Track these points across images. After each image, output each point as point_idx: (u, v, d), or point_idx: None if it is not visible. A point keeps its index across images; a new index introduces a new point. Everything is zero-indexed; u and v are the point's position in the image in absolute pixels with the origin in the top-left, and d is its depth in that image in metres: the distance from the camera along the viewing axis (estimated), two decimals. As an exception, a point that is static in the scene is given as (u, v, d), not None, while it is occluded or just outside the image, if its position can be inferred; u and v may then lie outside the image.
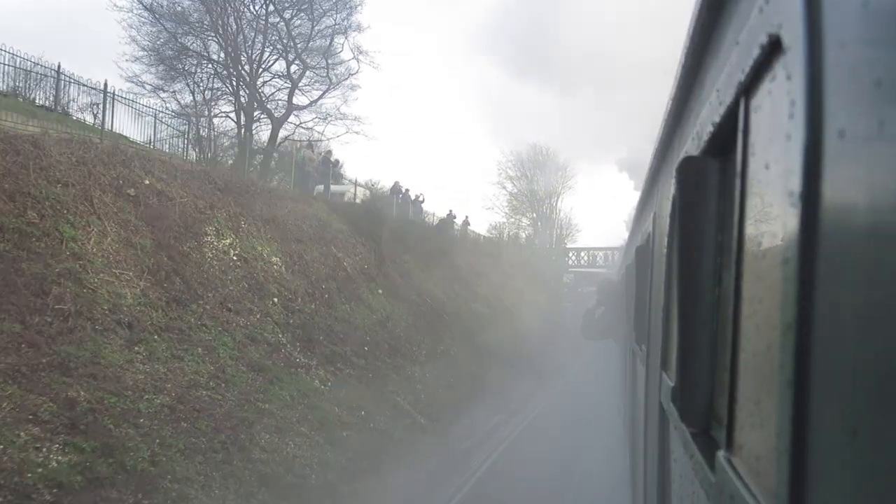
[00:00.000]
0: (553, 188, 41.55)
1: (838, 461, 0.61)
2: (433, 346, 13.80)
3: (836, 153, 0.64)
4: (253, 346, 8.24)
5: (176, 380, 6.55)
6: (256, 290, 9.40)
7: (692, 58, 1.74)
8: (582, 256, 38.24)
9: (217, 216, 9.76)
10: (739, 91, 1.06)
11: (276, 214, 11.56)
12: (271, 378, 7.86)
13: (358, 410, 8.81)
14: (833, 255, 0.65)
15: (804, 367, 0.69)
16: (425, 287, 16.93)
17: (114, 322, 6.49)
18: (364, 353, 10.85)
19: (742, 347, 1.05)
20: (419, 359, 12.65)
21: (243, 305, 8.80)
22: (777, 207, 0.84)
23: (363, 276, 13.60)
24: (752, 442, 0.96)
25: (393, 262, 15.81)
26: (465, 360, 14.22)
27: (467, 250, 24.65)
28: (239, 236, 9.97)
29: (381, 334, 12.19)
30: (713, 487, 1.15)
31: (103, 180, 8.02)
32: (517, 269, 28.89)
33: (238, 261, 9.55)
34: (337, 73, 20.91)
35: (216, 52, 19.41)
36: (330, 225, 13.64)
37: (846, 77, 0.63)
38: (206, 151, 13.23)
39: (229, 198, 10.50)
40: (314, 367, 9.09)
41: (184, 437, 5.91)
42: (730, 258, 1.19)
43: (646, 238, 3.96)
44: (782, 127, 0.80)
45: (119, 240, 7.57)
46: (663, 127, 2.67)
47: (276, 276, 10.16)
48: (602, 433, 9.98)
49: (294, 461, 6.82)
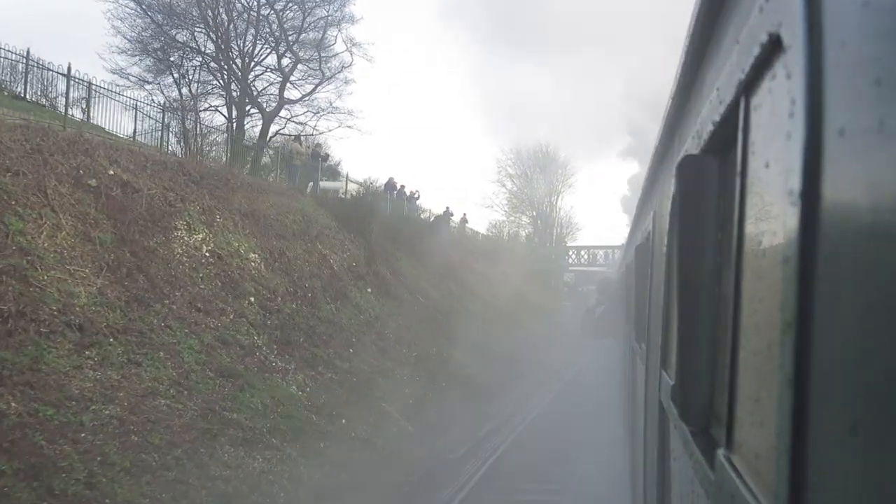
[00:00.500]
0: (553, 186, 42.34)
1: (838, 460, 0.64)
2: (425, 348, 13.57)
3: (837, 152, 0.67)
4: (223, 349, 8.03)
5: (130, 388, 6.28)
6: (231, 288, 9.18)
7: (692, 56, 1.79)
8: (582, 255, 38.86)
9: (189, 210, 9.51)
10: (740, 90, 1.10)
11: (256, 208, 11.33)
12: (242, 384, 7.65)
13: (338, 418, 8.60)
14: (833, 254, 0.67)
15: (804, 366, 0.72)
16: (419, 285, 16.73)
17: (63, 324, 6.20)
18: (349, 356, 10.62)
19: (742, 346, 1.09)
20: (409, 361, 12.41)
21: (214, 305, 8.57)
22: (777, 206, 0.87)
23: (351, 274, 13.40)
24: (752, 440, 1.00)
25: (384, 260, 15.64)
26: (460, 362, 14.01)
27: (464, 248, 24.55)
28: (213, 231, 9.73)
29: (369, 335, 11.98)
30: (713, 486, 1.19)
31: (61, 170, 7.77)
32: (516, 268, 28.78)
33: (211, 257, 9.31)
34: (330, 67, 21.07)
35: (204, 44, 19.34)
36: (316, 220, 13.43)
37: (846, 76, 0.66)
38: (191, 145, 13.07)
39: (204, 191, 10.24)
40: (292, 372, 8.83)
41: (131, 454, 5.53)
42: (730, 257, 1.23)
43: (646, 236, 4.03)
44: (782, 126, 0.83)
45: (75, 234, 7.32)
46: (663, 125, 2.75)
47: (253, 274, 9.95)
48: (601, 441, 9.43)
49: (261, 478, 6.53)
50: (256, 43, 20.21)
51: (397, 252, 16.94)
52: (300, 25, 20.31)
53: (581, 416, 11.86)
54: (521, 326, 21.02)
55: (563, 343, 21.81)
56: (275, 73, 20.73)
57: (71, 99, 11.34)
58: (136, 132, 12.79)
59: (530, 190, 42.23)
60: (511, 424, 12.04)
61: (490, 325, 18.39)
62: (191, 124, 13.62)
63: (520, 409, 13.25)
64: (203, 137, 13.96)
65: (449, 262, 20.46)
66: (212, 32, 19.03)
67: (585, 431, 10.52)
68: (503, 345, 17.25)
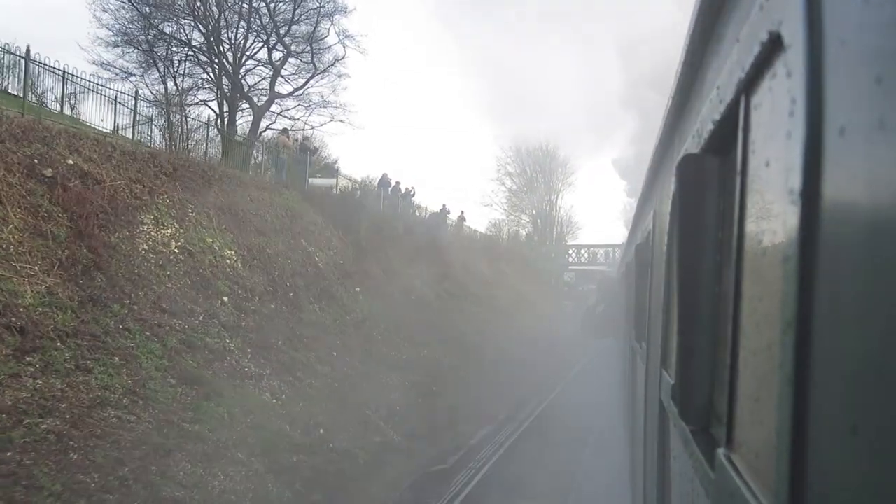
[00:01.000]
0: (553, 185, 43.14)
1: (838, 459, 0.66)
2: (416, 350, 13.41)
3: (837, 150, 0.69)
4: (189, 353, 7.79)
5: (76, 398, 5.90)
6: (202, 287, 8.95)
7: (693, 55, 1.83)
8: (582, 254, 39.42)
9: (158, 203, 9.26)
10: (740, 88, 1.14)
11: (234, 202, 11.12)
12: (207, 392, 7.42)
13: (316, 428, 8.34)
14: (833, 253, 0.70)
15: (804, 365, 0.75)
16: (412, 285, 16.59)
17: (1, 326, 5.90)
18: (331, 360, 10.41)
19: (742, 345, 1.13)
20: (398, 364, 12.24)
21: (182, 306, 8.34)
22: (777, 205, 0.91)
23: (338, 273, 13.23)
24: (752, 440, 1.03)
25: (376, 258, 15.49)
26: (453, 365, 13.86)
27: (462, 247, 24.48)
28: (184, 226, 9.51)
29: (355, 337, 11.83)
30: (713, 485, 1.24)
31: (11, 158, 7.53)
32: (515, 267, 28.78)
33: (181, 254, 9.07)
34: (322, 61, 21.19)
35: (190, 34, 19.27)
36: (302, 216, 13.28)
37: (847, 74, 0.68)
38: (176, 140, 12.91)
39: (177, 183, 10.00)
40: (266, 378, 8.61)
41: (66, 475, 5.03)
42: (730, 256, 1.27)
43: (646, 236, 4.09)
44: (783, 124, 0.86)
45: (24, 228, 7.06)
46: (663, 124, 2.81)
47: (228, 272, 9.73)
48: (600, 453, 9.24)
49: (220, 498, 6.14)
50: (249, 35, 20.28)
51: (390, 250, 16.80)
52: (291, 18, 20.39)
53: (578, 422, 11.48)
54: (519, 327, 20.86)
55: (562, 346, 21.54)
56: (266, 67, 20.85)
57: (45, 90, 11.14)
58: (120, 126, 12.57)
59: (530, 188, 42.82)
60: (505, 432, 11.66)
61: (486, 326, 18.30)
62: (176, 118, 13.50)
63: (512, 420, 12.89)
64: (189, 132, 13.85)
65: (445, 260, 20.35)
66: (200, 24, 19.00)
67: (581, 446, 10.16)
68: (500, 347, 17.12)
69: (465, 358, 14.65)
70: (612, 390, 11.49)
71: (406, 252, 17.64)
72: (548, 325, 24.11)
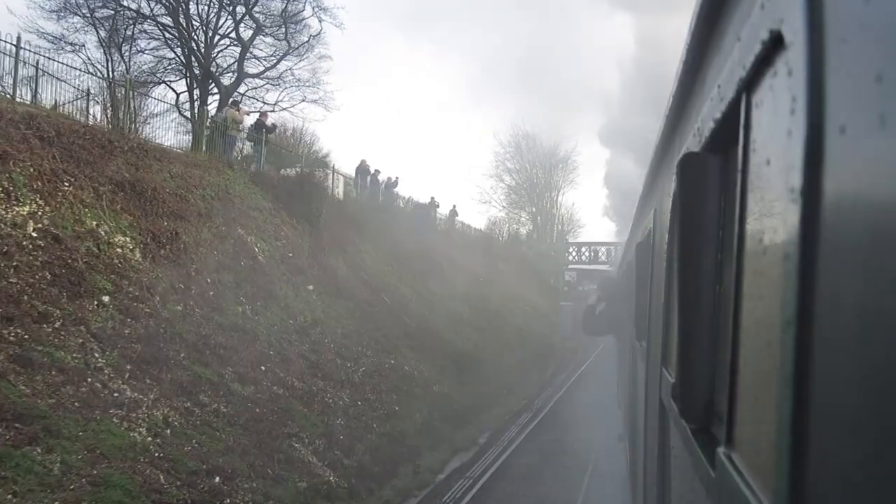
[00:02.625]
0: (554, 182, 42.38)
1: (838, 458, 0.65)
2: (379, 361, 11.11)
3: (838, 149, 0.69)
4: (21, 375, 5.67)
5: None
6: (68, 283, 6.96)
7: (693, 53, 1.84)
8: (583, 252, 38.49)
9: (14, 172, 7.15)
10: (741, 87, 1.13)
11: (143, 179, 9.05)
12: (36, 432, 5.17)
13: (212, 474, 6.15)
14: (834, 252, 0.69)
15: (804, 364, 0.74)
16: (385, 283, 14.71)
17: None
18: (255, 377, 8.18)
19: (742, 344, 1.13)
20: (352, 380, 10.00)
21: (29, 307, 6.31)
22: (778, 203, 0.90)
23: (285, 268, 11.01)
24: (753, 438, 1.03)
25: (342, 251, 13.54)
26: (426, 379, 11.86)
27: (453, 243, 22.93)
28: (53, 204, 7.52)
29: (298, 346, 9.61)
30: (713, 484, 1.23)
31: None
32: (511, 266, 27.18)
33: (40, 238, 7.05)
34: (299, 40, 20.19)
35: (153, 9, 18.44)
36: (244, 199, 11.26)
37: (847, 72, 0.68)
38: (124, 119, 11.32)
39: (55, 150, 7.93)
40: (148, 405, 6.50)
41: None
42: (730, 254, 1.27)
43: (646, 234, 4.10)
44: (783, 123, 0.86)
45: None
46: (664, 123, 2.82)
47: (116, 264, 7.81)
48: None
49: None
50: (221, 13, 19.21)
51: (363, 243, 14.92)
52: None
53: (570, 454, 9.85)
54: (512, 333, 19.17)
55: (559, 354, 20.00)
56: (234, 44, 19.62)
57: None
58: (49, 99, 10.82)
59: (530, 185, 42.02)
60: (480, 467, 9.66)
61: (474, 332, 16.55)
62: (121, 94, 11.85)
63: (494, 441, 11.06)
64: (136, 110, 12.25)
65: (431, 257, 18.71)
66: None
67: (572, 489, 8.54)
68: (486, 356, 15.36)
69: (443, 369, 12.45)
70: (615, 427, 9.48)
71: (382, 246, 15.70)
72: (545, 330, 22.57)
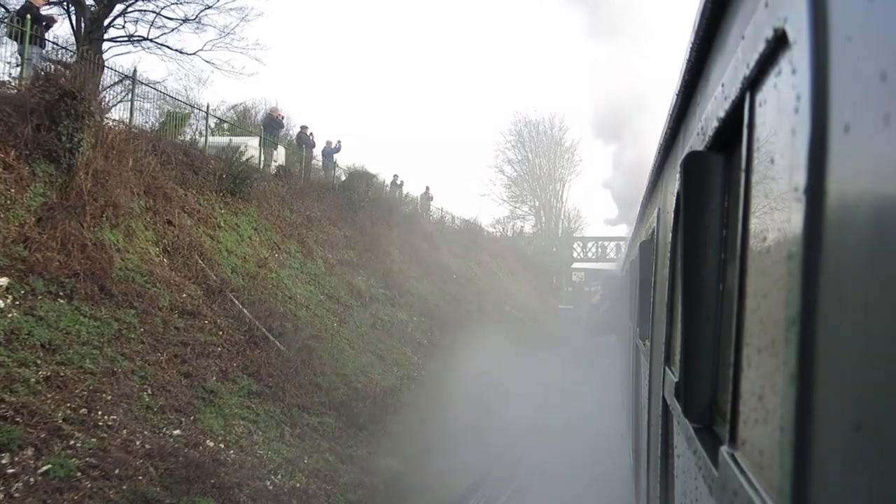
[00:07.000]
0: (558, 174, 38.97)
1: (842, 456, 0.65)
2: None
3: (842, 147, 0.68)
4: None
5: None
6: None
7: (697, 52, 1.82)
8: (589, 248, 33.97)
9: None
10: (745, 86, 1.12)
11: None
12: None
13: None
14: (838, 250, 0.68)
15: (808, 363, 0.73)
16: (298, 293, 9.89)
17: None
18: None
19: (746, 342, 1.11)
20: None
21: None
22: (782, 202, 0.89)
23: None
24: (756, 437, 1.02)
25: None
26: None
27: (423, 233, 17.97)
28: None
29: None
30: (716, 482, 1.22)
31: None
32: (506, 263, 23.43)
33: None
34: None
35: None
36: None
37: (851, 71, 0.66)
38: None
39: None
40: None
41: None
42: (734, 253, 1.26)
43: (650, 233, 4.09)
44: (787, 121, 0.85)
45: None
46: (668, 122, 2.79)
47: None
48: None
49: None
50: None
51: (238, 217, 9.92)
52: None
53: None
54: (493, 344, 13.26)
55: (558, 366, 14.90)
56: None
57: None
58: None
59: (532, 177, 38.78)
60: None
61: (436, 347, 11.86)
62: None
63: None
64: None
65: (388, 251, 14.24)
66: None
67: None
68: (440, 370, 10.91)
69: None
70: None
71: (288, 227, 11.43)
72: (543, 335, 18.23)
